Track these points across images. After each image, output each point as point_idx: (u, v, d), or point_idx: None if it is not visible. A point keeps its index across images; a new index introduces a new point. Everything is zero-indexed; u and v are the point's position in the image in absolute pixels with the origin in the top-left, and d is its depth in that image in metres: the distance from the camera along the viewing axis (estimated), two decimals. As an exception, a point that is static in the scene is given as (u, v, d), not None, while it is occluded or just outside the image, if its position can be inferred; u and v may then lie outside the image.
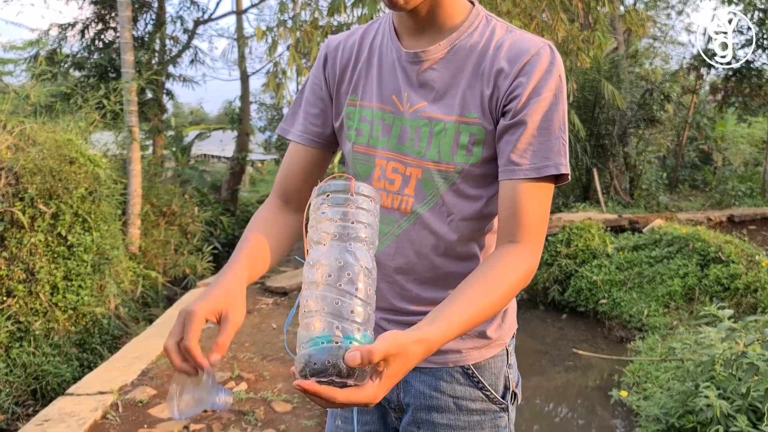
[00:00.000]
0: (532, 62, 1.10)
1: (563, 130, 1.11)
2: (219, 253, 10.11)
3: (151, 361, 4.62)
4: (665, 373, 4.75)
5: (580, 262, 7.75)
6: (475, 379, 1.25)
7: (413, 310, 1.24)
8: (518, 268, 1.06)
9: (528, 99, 1.09)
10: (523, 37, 1.14)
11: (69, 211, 5.57)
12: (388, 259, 1.23)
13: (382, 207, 1.21)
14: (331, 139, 1.33)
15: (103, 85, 8.01)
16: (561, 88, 1.11)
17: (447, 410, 1.25)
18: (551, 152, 1.09)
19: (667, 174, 12.88)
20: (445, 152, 1.15)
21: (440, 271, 1.22)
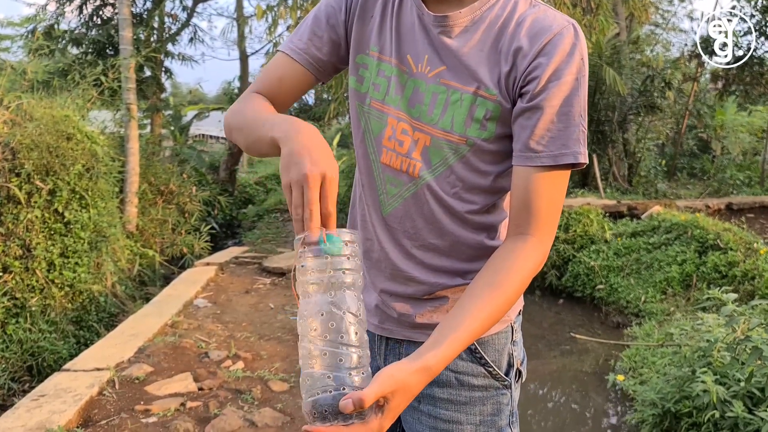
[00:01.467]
0: (554, 42, 1.05)
1: (583, 117, 1.07)
2: (216, 233, 10.09)
3: (147, 339, 4.61)
4: (662, 358, 4.76)
5: (578, 248, 7.75)
6: (478, 355, 1.23)
7: (417, 278, 1.21)
8: (527, 265, 1.05)
9: (547, 82, 1.04)
10: (546, 14, 1.09)
11: (66, 187, 5.53)
12: (396, 222, 1.21)
13: (391, 167, 1.19)
14: (327, 71, 1.27)
15: (101, 61, 7.93)
16: (582, 73, 1.06)
17: (448, 385, 1.22)
18: (570, 140, 1.05)
19: (666, 162, 12.85)
20: (459, 123, 1.12)
21: (447, 240, 1.19)
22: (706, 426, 3.60)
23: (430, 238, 1.19)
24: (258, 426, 3.51)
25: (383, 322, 1.26)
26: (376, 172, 1.22)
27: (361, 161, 1.26)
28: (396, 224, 1.21)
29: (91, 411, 3.59)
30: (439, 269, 1.20)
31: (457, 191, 1.15)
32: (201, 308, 5.56)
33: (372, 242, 1.25)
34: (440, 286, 1.20)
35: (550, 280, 7.74)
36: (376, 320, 1.27)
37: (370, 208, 1.25)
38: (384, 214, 1.22)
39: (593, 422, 4.91)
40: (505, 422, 1.25)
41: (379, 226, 1.23)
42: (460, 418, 1.22)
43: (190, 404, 3.69)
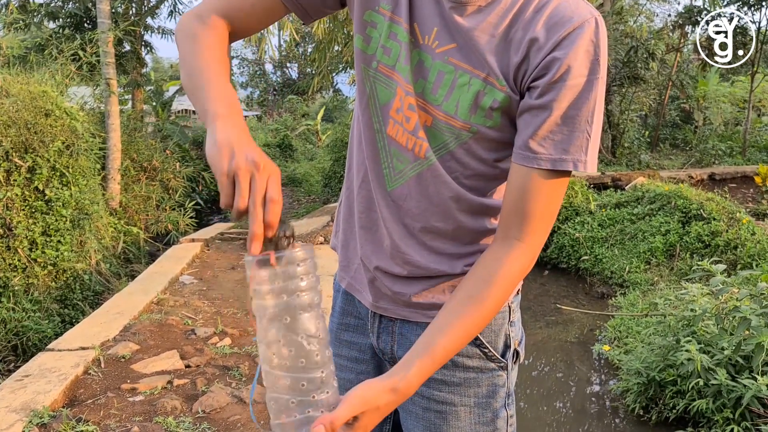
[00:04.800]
0: (572, 37, 0.95)
1: (590, 123, 0.97)
2: (201, 209, 10.01)
3: (133, 317, 4.57)
4: (646, 328, 4.81)
5: (562, 219, 7.78)
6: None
7: (416, 262, 1.15)
8: (512, 272, 1.01)
9: (558, 80, 0.95)
10: (569, 3, 0.98)
11: (46, 164, 5.44)
12: (400, 200, 1.14)
13: (397, 142, 1.11)
14: (311, 9, 1.15)
15: (79, 36, 7.76)
16: (597, 74, 0.96)
17: (443, 366, 1.17)
18: (572, 146, 0.97)
19: (649, 133, 12.90)
20: (463, 109, 1.03)
21: (450, 223, 1.13)
22: (690, 394, 3.66)
23: (434, 221, 1.13)
24: (246, 402, 3.50)
25: (377, 299, 1.21)
26: (381, 143, 1.14)
27: (365, 130, 1.16)
28: (401, 202, 1.14)
29: (76, 391, 3.56)
30: (442, 252, 1.15)
31: (457, 176, 1.09)
32: (187, 285, 5.53)
33: (376, 216, 1.18)
34: (438, 272, 1.15)
35: (535, 252, 7.77)
36: (370, 297, 1.22)
37: (373, 181, 1.16)
38: (388, 189, 1.15)
39: (579, 392, 4.97)
40: (500, 404, 1.21)
41: (383, 202, 1.16)
42: (454, 400, 1.19)
43: (177, 382, 3.67)
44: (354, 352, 1.30)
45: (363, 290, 1.24)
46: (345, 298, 1.31)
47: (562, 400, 4.90)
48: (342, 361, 1.31)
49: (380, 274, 1.19)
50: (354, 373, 1.30)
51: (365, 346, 1.29)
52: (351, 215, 1.25)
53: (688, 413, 3.71)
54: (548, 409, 4.72)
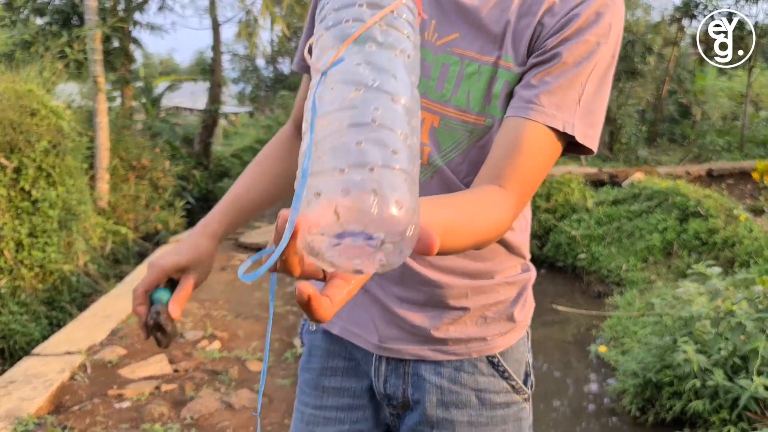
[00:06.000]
0: (582, 6, 0.90)
1: (584, 86, 0.90)
2: (192, 208, 9.92)
3: (121, 321, 4.49)
4: (643, 328, 4.75)
5: (559, 217, 7.71)
6: (501, 368, 1.09)
7: (431, 280, 1.04)
8: (499, 211, 0.84)
9: (567, 38, 0.89)
10: None
11: (32, 164, 5.35)
12: None
13: None
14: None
15: (66, 32, 7.64)
16: (606, 40, 0.90)
17: (468, 405, 1.08)
18: (564, 104, 0.89)
19: (647, 128, 12.84)
20: (476, 100, 0.95)
21: None
22: (687, 395, 3.60)
23: None
24: (235, 408, 3.43)
25: (386, 340, 1.08)
26: None
27: None
28: None
29: (62, 397, 3.50)
30: (454, 271, 1.05)
31: (468, 181, 0.98)
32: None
33: None
34: (457, 288, 1.05)
35: (532, 250, 7.67)
36: (375, 338, 1.08)
37: None
38: None
39: (575, 392, 4.91)
40: None
41: None
42: None
43: (165, 387, 3.60)
44: (346, 399, 1.15)
45: (364, 331, 1.09)
46: (329, 338, 1.16)
47: (559, 401, 4.84)
48: (329, 413, 1.15)
49: (395, 304, 1.06)
50: (348, 423, 1.15)
51: (360, 390, 1.15)
52: None
53: (684, 414, 3.66)
54: (544, 410, 4.66)
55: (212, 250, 1.10)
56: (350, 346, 1.13)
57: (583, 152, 0.95)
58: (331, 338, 1.15)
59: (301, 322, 1.23)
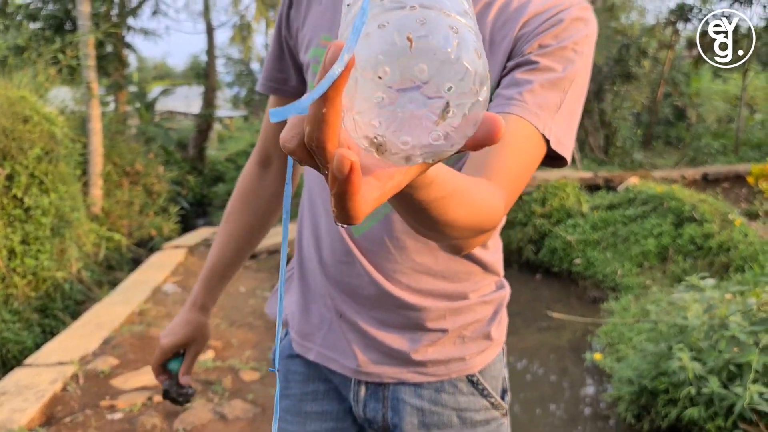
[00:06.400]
0: (563, 14, 0.90)
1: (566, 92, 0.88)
2: (187, 213, 9.88)
3: (113, 329, 4.45)
4: (639, 334, 4.74)
5: (554, 222, 7.70)
6: (480, 387, 1.10)
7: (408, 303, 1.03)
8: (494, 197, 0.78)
9: (548, 44, 0.89)
10: None
11: (24, 172, 5.32)
12: (374, 244, 1.03)
13: None
14: (303, 86, 1.13)
15: (59, 38, 7.60)
16: (585, 52, 0.90)
17: (450, 425, 1.08)
18: (545, 105, 0.87)
19: (642, 130, 12.84)
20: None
21: (441, 258, 1.04)
22: (682, 402, 3.59)
23: (419, 258, 1.03)
24: (228, 419, 3.40)
25: (364, 364, 1.07)
26: None
27: (315, 175, 1.07)
28: (375, 246, 1.03)
29: (54, 408, 3.47)
30: (432, 293, 1.05)
31: None
32: (170, 294, 5.41)
33: (348, 265, 1.05)
34: (434, 310, 1.05)
35: (527, 255, 7.70)
36: (354, 362, 1.07)
37: (339, 230, 1.06)
38: (356, 235, 1.04)
39: (571, 399, 4.89)
40: None
41: (355, 250, 1.04)
42: None
43: (157, 398, 3.57)
44: (329, 423, 1.14)
45: (341, 356, 1.09)
46: (305, 363, 1.15)
47: (554, 408, 4.82)
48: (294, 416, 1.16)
49: (373, 327, 1.05)
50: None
51: (343, 413, 1.14)
52: (307, 275, 1.12)
53: (680, 422, 3.65)
54: (540, 417, 4.64)
55: (204, 321, 1.24)
56: (327, 370, 1.13)
57: (555, 165, 0.93)
58: (307, 363, 1.15)
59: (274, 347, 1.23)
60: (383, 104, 0.41)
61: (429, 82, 0.40)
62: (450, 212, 0.64)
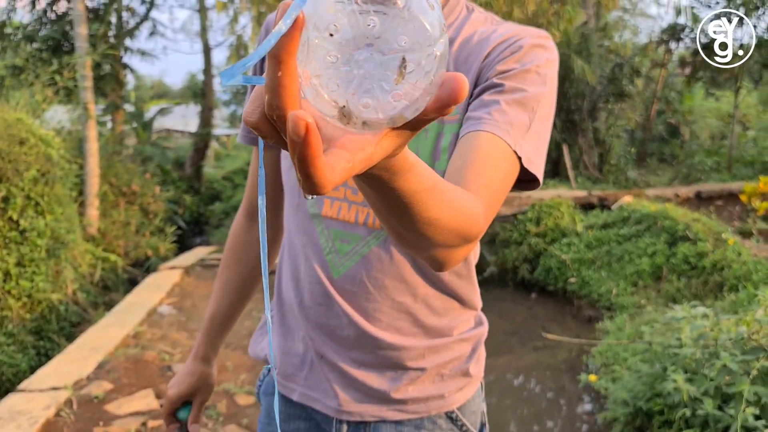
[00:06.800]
0: (523, 41, 0.94)
1: (535, 113, 0.90)
2: (183, 232, 9.87)
3: (108, 353, 4.44)
4: (633, 355, 4.74)
5: (549, 241, 7.73)
6: (459, 423, 1.11)
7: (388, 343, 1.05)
8: (474, 204, 0.77)
9: (512, 69, 0.92)
10: (516, 25, 1.00)
11: (20, 194, 5.33)
12: (354, 284, 1.03)
13: (341, 221, 1.02)
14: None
15: (56, 59, 7.65)
16: (545, 71, 0.93)
17: None
18: (515, 123, 0.88)
19: (636, 148, 12.92)
20: (425, 156, 0.96)
21: (419, 296, 1.05)
22: (677, 424, 3.58)
23: (399, 297, 1.04)
24: (223, 444, 3.39)
25: (346, 403, 1.08)
26: (319, 228, 1.05)
27: (295, 218, 1.09)
28: (354, 287, 1.04)
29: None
30: (411, 332, 1.06)
31: None
32: (165, 316, 5.40)
33: (327, 307, 1.07)
34: (413, 349, 1.06)
35: (522, 274, 7.73)
36: (336, 402, 1.08)
37: (318, 271, 1.07)
38: (335, 276, 1.05)
39: (566, 420, 4.88)
40: None
41: (334, 291, 1.06)
42: None
43: (151, 423, 3.55)
44: None
45: (323, 396, 1.10)
46: (288, 403, 1.16)
47: (551, 425, 4.81)
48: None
49: (352, 368, 1.07)
50: None
51: None
52: (287, 317, 1.14)
53: (676, 444, 3.64)
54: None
55: (207, 372, 1.27)
56: (310, 409, 1.14)
57: (528, 188, 0.94)
58: (290, 402, 1.16)
59: (258, 381, 1.26)
60: (338, 65, 0.40)
61: (381, 37, 0.40)
62: (432, 209, 0.64)
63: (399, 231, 0.69)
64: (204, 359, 1.27)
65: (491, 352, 1.24)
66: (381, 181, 0.55)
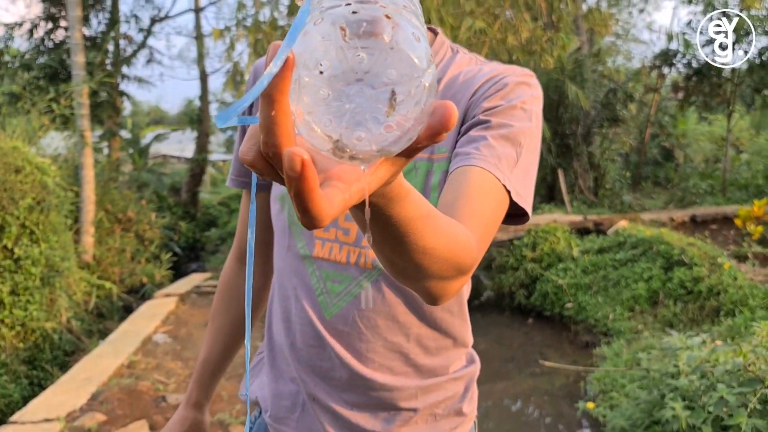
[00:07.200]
0: (508, 79, 0.96)
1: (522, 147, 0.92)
2: (179, 259, 9.84)
3: (102, 383, 4.40)
4: (631, 382, 4.71)
5: (545, 266, 7.72)
6: None
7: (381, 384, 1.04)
8: (468, 237, 0.77)
9: (498, 105, 0.94)
10: (501, 64, 1.02)
11: (15, 222, 5.32)
12: (346, 325, 1.03)
13: (332, 261, 1.02)
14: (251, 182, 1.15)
15: (53, 87, 7.68)
16: (530, 106, 0.95)
17: None
18: (503, 157, 0.89)
19: (631, 172, 12.99)
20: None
21: (412, 335, 1.05)
22: (676, 452, 3.55)
23: (391, 337, 1.04)
24: (217, 477, 3.35)
25: None
26: (310, 269, 1.05)
27: (286, 259, 1.09)
28: (347, 327, 1.04)
29: (38, 467, 3.40)
30: (403, 372, 1.06)
31: None
32: (160, 344, 5.36)
33: (319, 349, 1.06)
34: (405, 389, 1.05)
35: (519, 300, 7.71)
36: None
37: (309, 312, 1.06)
38: (327, 317, 1.05)
39: (565, 449, 4.84)
40: None
41: (326, 332, 1.05)
42: None
43: (144, 455, 3.52)
44: None
45: None
46: None
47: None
48: None
49: (344, 409, 1.06)
50: None
51: None
52: (277, 359, 1.14)
53: (675, 473, 3.60)
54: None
55: (199, 419, 1.26)
56: None
57: (516, 222, 0.95)
58: None
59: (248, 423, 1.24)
60: (330, 100, 0.41)
61: (370, 72, 0.40)
62: (427, 237, 0.64)
63: (394, 261, 0.69)
64: (196, 406, 1.26)
65: (488, 378, 1.24)
66: (376, 209, 0.56)
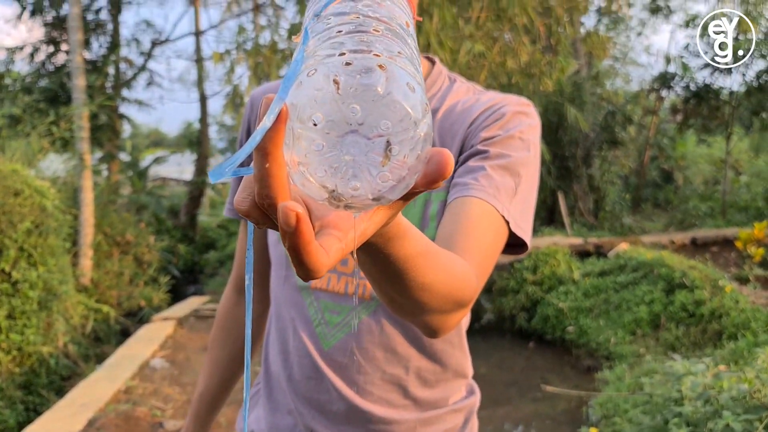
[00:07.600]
0: (505, 109, 0.97)
1: (520, 178, 0.91)
2: (177, 282, 9.80)
3: (98, 409, 4.33)
4: (634, 407, 4.66)
5: (546, 289, 7.68)
6: None
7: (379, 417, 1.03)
8: (468, 270, 0.78)
9: (497, 135, 0.94)
10: (499, 94, 1.03)
11: (13, 246, 5.29)
12: (344, 356, 1.02)
13: (331, 292, 1.01)
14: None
15: (53, 110, 7.70)
16: (528, 136, 0.95)
17: None
18: (502, 188, 0.89)
19: (630, 194, 13.00)
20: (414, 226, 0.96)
21: (412, 367, 1.03)
22: (681, 480, 3.49)
23: (390, 369, 1.02)
24: (214, 506, 3.28)
25: None
26: (308, 300, 1.04)
27: (284, 291, 1.08)
28: (345, 358, 1.02)
29: (32, 496, 3.34)
30: (402, 405, 1.04)
31: None
32: (158, 369, 5.30)
33: (317, 381, 1.05)
34: (405, 422, 1.03)
35: (520, 323, 7.65)
36: None
37: (307, 344, 1.05)
38: (326, 348, 1.03)
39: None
40: None
41: (324, 364, 1.04)
42: None
43: (140, 484, 3.46)
44: None
45: None
46: None
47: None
48: None
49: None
50: None
51: None
52: (274, 391, 1.12)
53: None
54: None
55: None
56: None
57: (515, 252, 0.95)
58: None
59: None
60: (324, 151, 0.40)
61: (364, 123, 0.40)
62: (426, 274, 0.64)
63: (393, 297, 0.68)
64: None
65: (490, 402, 1.22)
66: (375, 248, 0.56)
